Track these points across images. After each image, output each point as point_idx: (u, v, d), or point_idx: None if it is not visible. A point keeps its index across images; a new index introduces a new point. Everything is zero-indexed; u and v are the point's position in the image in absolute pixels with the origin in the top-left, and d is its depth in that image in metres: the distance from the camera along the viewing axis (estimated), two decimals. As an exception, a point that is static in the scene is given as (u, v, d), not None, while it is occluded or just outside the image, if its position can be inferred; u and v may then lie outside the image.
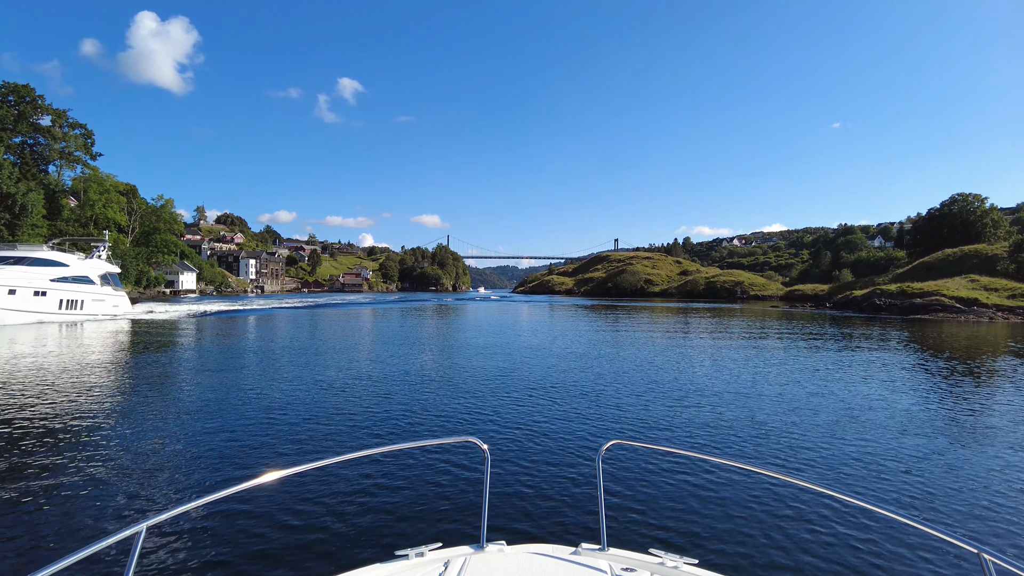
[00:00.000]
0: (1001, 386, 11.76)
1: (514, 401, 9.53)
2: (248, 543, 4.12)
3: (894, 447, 6.94)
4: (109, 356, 14.95)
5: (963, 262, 56.37)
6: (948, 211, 78.12)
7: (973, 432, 7.85)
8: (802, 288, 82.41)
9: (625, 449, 6.33)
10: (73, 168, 56.89)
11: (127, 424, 7.62)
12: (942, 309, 34.87)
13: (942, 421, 8.49)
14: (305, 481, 5.28)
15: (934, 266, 59.92)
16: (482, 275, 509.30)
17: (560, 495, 5.13)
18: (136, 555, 1.51)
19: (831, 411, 8.97)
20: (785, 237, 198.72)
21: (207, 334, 22.06)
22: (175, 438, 6.95)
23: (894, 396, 10.34)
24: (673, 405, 9.32)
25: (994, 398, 10.39)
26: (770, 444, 6.99)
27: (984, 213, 74.73)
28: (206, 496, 1.78)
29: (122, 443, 6.70)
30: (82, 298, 29.43)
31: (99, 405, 8.83)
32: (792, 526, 4.48)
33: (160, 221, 68.88)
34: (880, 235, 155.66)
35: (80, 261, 30.51)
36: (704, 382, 11.57)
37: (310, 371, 12.53)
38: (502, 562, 1.96)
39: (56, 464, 5.92)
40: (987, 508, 5.05)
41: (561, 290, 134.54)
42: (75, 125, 56.30)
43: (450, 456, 6.16)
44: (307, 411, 8.52)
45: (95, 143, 57.86)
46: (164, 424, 7.66)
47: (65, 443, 6.68)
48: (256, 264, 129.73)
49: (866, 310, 40.29)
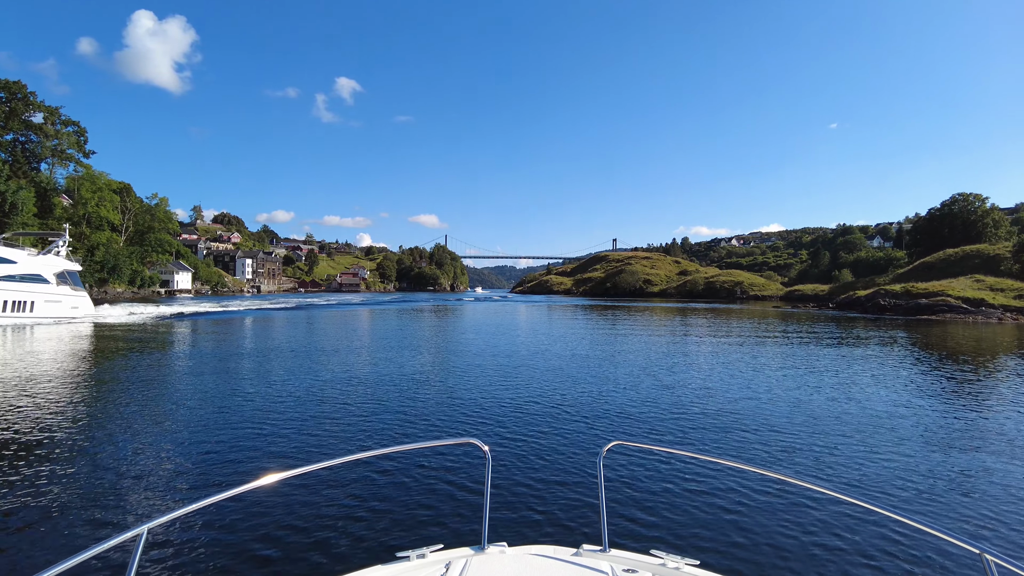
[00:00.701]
0: (1020, 388, 11.21)
1: (516, 405, 9.11)
2: (249, 545, 4.10)
3: (903, 451, 6.75)
4: (50, 365, 12.99)
5: (965, 262, 55.95)
6: (949, 211, 77.94)
7: (989, 436, 7.49)
8: (802, 288, 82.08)
9: (627, 450, 6.32)
10: (66, 166, 56.10)
11: (100, 432, 7.18)
12: (948, 310, 34.17)
13: (956, 424, 8.12)
14: (306, 483, 5.27)
15: (935, 266, 59.67)
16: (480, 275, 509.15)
17: (561, 496, 5.12)
18: (137, 557, 1.51)
19: (838, 414, 8.62)
20: (783, 237, 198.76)
21: (174, 338, 20.56)
22: (157, 447, 6.66)
23: (905, 399, 9.87)
24: (676, 406, 9.08)
25: (1012, 401, 9.84)
26: (773, 446, 6.88)
27: (985, 213, 74.57)
28: (206, 499, 1.78)
29: (103, 451, 6.38)
30: (32, 299, 26.60)
31: (45, 414, 8.14)
32: (794, 527, 4.45)
33: (154, 220, 68.06)
34: (879, 235, 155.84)
35: (31, 257, 27.50)
36: (708, 383, 11.10)
37: (299, 375, 11.90)
38: (503, 563, 1.95)
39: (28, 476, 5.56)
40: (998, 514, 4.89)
41: (559, 290, 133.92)
42: (68, 122, 55.54)
43: (451, 458, 6.15)
44: (299, 417, 8.20)
45: (88, 141, 57.07)
46: (145, 431, 7.25)
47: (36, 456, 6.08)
48: (253, 264, 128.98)
49: (870, 310, 39.69)
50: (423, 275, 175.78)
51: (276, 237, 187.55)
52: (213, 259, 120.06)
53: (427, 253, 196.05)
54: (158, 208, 69.51)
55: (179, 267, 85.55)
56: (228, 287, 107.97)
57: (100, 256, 54.96)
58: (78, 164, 56.13)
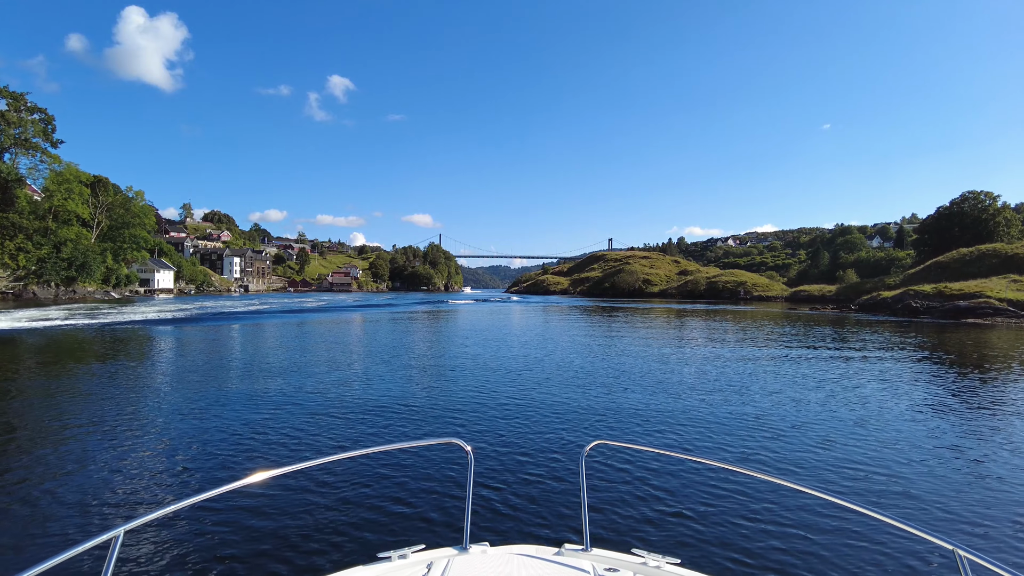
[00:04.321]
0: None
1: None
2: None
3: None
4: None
5: (981, 262, 53.84)
6: (959, 209, 76.28)
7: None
8: (808, 289, 79.75)
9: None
10: (32, 156, 52.14)
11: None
12: (993, 312, 31.08)
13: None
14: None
15: (950, 266, 58.23)
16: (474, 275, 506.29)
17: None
18: (113, 560, 1.47)
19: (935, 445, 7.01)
20: (780, 237, 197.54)
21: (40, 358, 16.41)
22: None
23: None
24: (743, 438, 7.09)
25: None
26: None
27: (996, 211, 73.03)
28: (184, 500, 1.73)
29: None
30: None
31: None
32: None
33: (129, 215, 63.97)
34: (878, 235, 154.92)
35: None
36: (803, 418, 8.25)
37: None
38: (485, 563, 1.94)
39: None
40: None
41: (556, 290, 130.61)
42: (33, 109, 51.71)
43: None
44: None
45: (56, 129, 53.13)
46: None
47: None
48: (241, 262, 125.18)
49: (900, 313, 36.63)
50: (417, 274, 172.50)
51: (268, 236, 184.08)
52: (200, 258, 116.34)
53: (421, 252, 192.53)
54: (133, 202, 65.41)
55: (160, 265, 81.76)
56: (215, 286, 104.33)
57: (67, 253, 51.16)
58: (44, 154, 52.23)
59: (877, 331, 25.12)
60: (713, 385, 10.77)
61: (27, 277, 48.39)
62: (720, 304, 66.75)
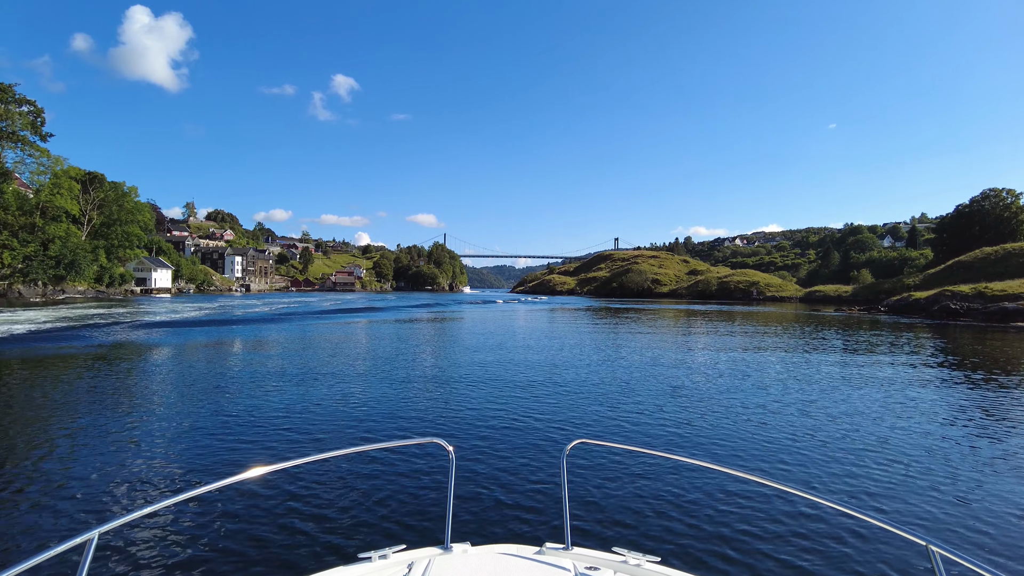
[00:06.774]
0: None
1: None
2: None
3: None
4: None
5: (1008, 261, 51.88)
6: (979, 207, 74.15)
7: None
8: (823, 289, 77.27)
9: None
10: (21, 149, 50.30)
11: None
12: (1052, 316, 28.30)
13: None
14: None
15: (973, 265, 56.11)
16: (479, 275, 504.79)
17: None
18: (88, 562, 1.45)
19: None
20: (788, 237, 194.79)
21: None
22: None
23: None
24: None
25: None
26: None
27: (1019, 209, 70.92)
28: (160, 502, 1.72)
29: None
30: None
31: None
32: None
33: (123, 211, 62.02)
34: (888, 235, 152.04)
35: None
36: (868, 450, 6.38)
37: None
38: (467, 563, 1.93)
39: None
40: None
41: (563, 290, 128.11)
42: (22, 101, 49.97)
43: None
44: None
45: (45, 122, 51.37)
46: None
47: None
48: (243, 262, 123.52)
49: (936, 315, 34.00)
50: (421, 274, 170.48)
51: (272, 235, 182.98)
52: (201, 256, 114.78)
53: (425, 252, 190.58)
54: (126, 198, 63.46)
55: (157, 264, 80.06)
56: (215, 286, 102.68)
57: (56, 250, 49.28)
58: (33, 147, 50.41)
59: (930, 336, 22.72)
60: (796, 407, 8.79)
61: (12, 276, 46.54)
62: (734, 304, 64.12)
